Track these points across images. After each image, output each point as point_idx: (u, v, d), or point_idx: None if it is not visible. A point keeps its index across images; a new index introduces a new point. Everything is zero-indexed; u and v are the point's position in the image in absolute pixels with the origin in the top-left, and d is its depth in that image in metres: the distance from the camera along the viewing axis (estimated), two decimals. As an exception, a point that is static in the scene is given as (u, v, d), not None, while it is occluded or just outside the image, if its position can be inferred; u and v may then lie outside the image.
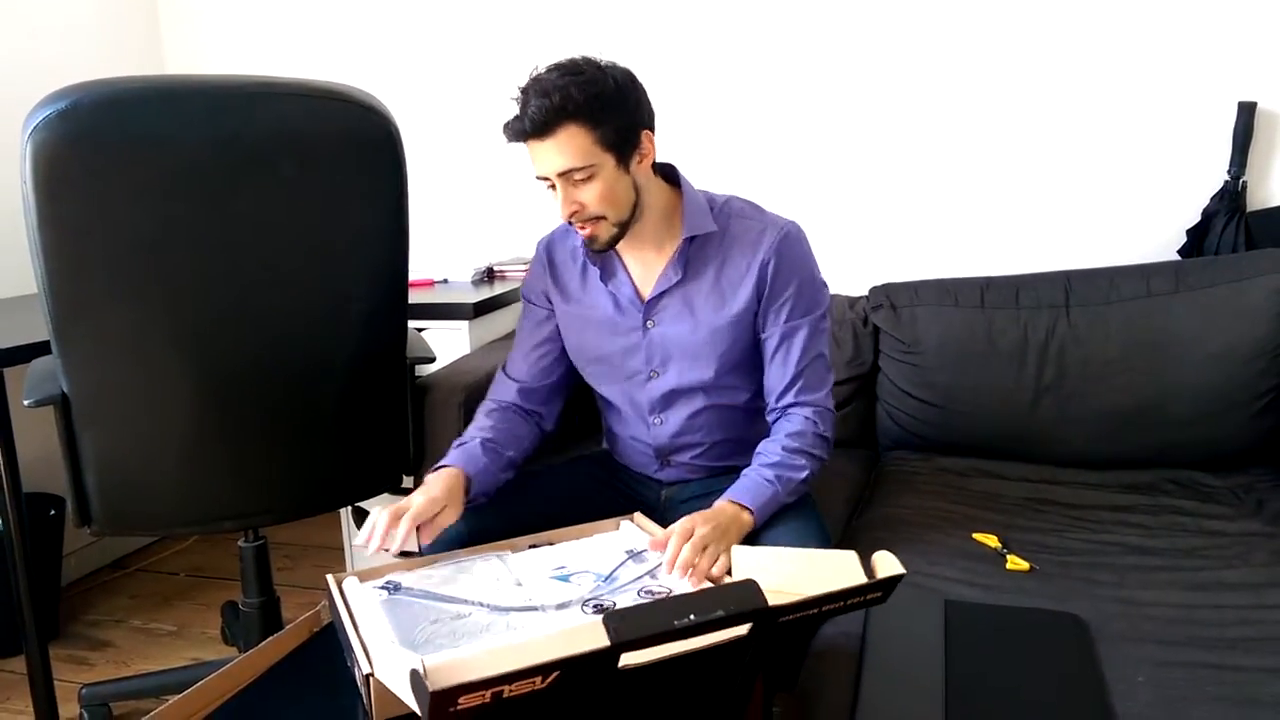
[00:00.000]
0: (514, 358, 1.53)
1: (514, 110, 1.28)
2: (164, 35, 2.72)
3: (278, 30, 2.61)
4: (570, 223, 1.35)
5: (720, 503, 1.28)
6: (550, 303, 1.52)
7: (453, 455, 1.38)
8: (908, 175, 2.19)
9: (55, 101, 1.18)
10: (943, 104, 2.13)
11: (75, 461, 1.38)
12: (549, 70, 1.28)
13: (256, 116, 1.29)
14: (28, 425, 1.63)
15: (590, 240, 1.36)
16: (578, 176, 1.29)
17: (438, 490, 1.27)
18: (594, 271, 1.47)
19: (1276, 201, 1.96)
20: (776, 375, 1.41)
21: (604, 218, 1.32)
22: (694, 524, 1.20)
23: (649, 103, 1.35)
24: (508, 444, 1.43)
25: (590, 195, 1.30)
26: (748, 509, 1.27)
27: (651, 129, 1.35)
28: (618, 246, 1.42)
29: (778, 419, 1.41)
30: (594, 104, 1.26)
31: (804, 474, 1.35)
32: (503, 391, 1.50)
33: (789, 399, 1.40)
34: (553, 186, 1.31)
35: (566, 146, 1.26)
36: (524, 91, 1.28)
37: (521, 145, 1.30)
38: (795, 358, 1.39)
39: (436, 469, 1.35)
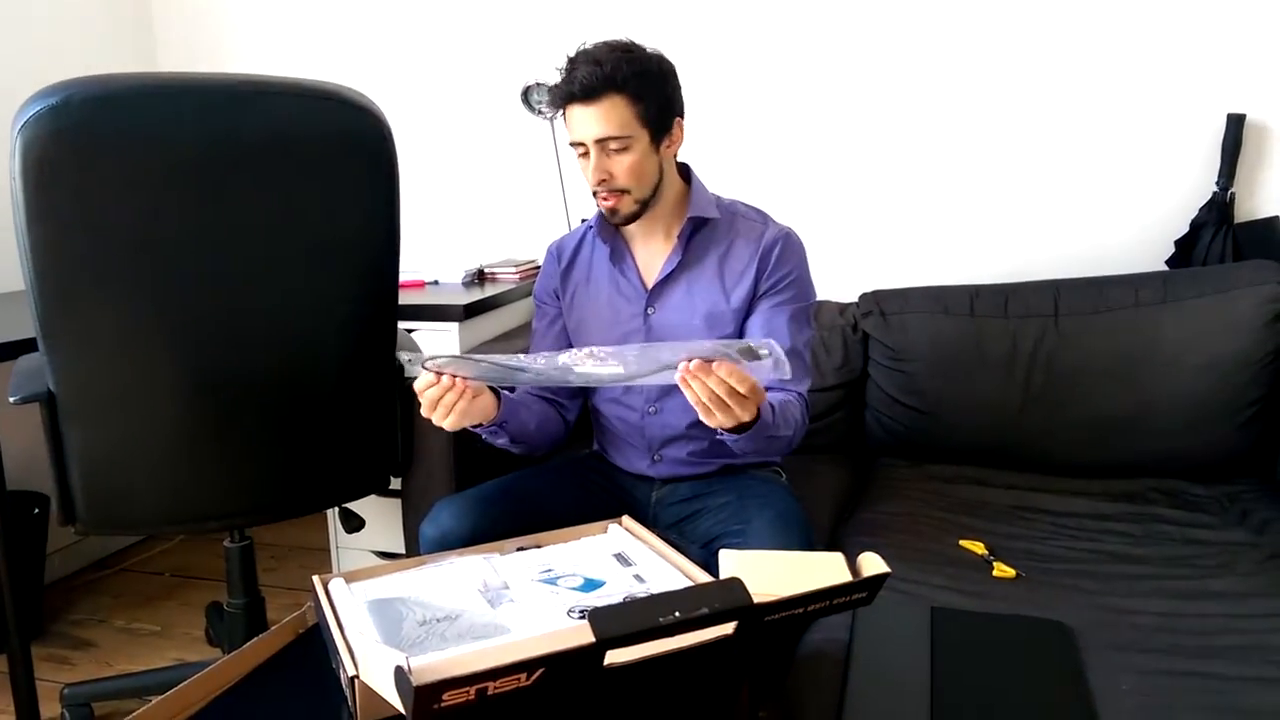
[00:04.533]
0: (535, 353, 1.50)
1: (557, 79, 1.33)
2: (156, 32, 2.71)
3: (270, 29, 2.61)
4: (595, 192, 1.38)
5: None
6: (559, 300, 1.54)
7: None
8: (898, 182, 2.20)
9: (45, 97, 1.18)
10: (933, 112, 2.14)
11: (60, 459, 1.37)
12: (600, 44, 1.34)
13: (248, 115, 1.29)
14: (12, 422, 1.62)
15: (611, 213, 1.40)
16: (613, 146, 1.33)
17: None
18: (601, 261, 1.49)
19: (1264, 213, 1.97)
20: None
21: (628, 191, 1.37)
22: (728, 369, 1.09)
23: (682, 95, 1.41)
24: (533, 403, 1.46)
25: (621, 167, 1.35)
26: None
27: (683, 118, 1.41)
28: (629, 233, 1.47)
29: None
30: (640, 80, 1.32)
31: (790, 429, 1.31)
32: None
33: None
34: (585, 154, 1.36)
35: (609, 114, 1.32)
36: (572, 60, 1.33)
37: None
38: (781, 340, 1.38)
39: None
